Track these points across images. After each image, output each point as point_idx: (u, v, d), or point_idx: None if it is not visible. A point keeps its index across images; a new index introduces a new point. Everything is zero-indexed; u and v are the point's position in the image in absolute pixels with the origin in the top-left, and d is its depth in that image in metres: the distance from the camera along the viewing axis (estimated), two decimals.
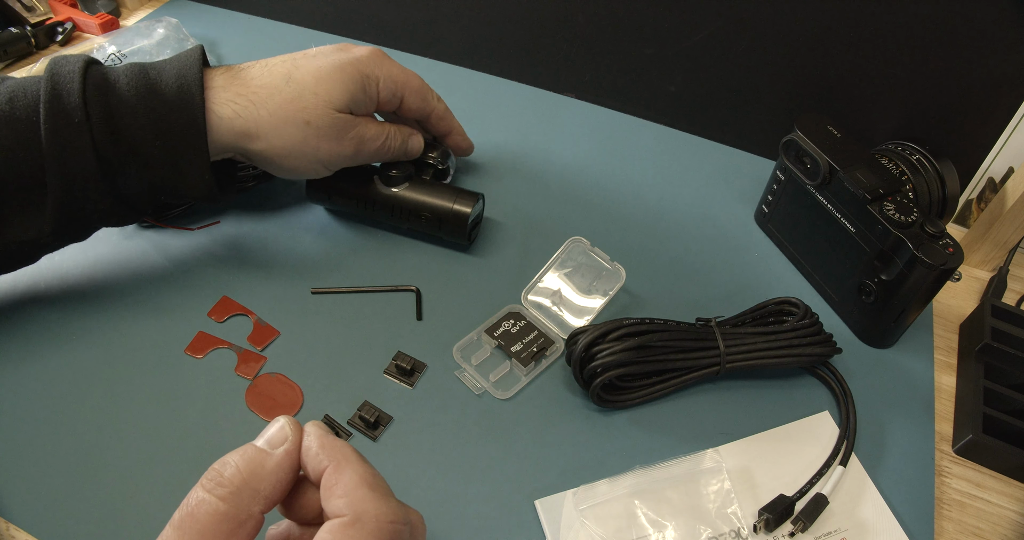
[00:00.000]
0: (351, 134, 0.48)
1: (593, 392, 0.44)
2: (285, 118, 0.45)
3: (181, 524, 0.27)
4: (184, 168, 0.44)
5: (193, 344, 0.48)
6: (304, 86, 0.45)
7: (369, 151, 0.50)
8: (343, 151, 0.48)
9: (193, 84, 0.43)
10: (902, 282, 0.46)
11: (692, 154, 0.65)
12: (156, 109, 0.42)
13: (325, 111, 0.46)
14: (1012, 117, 0.54)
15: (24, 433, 0.43)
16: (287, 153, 0.46)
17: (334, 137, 0.47)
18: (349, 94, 0.47)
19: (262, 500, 0.28)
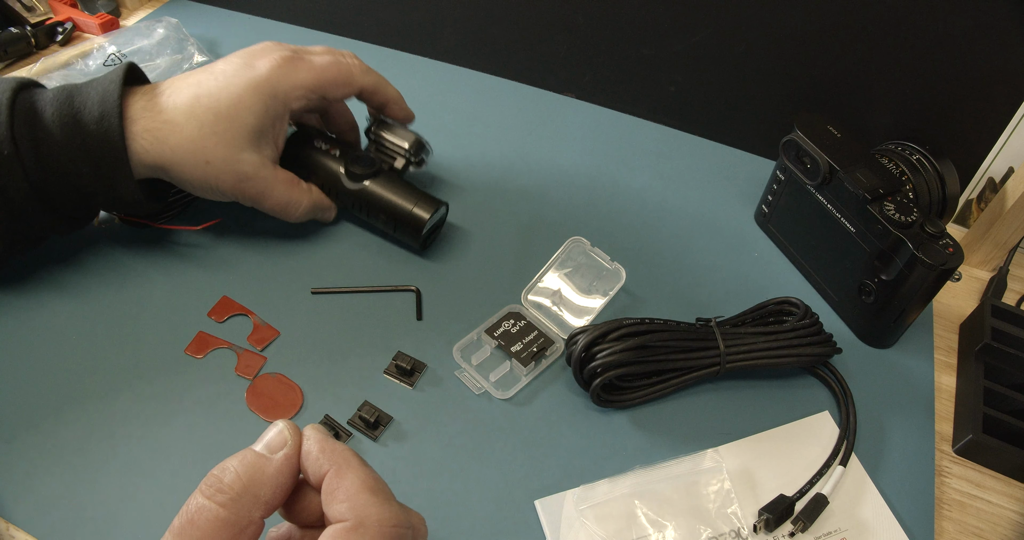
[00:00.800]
0: (254, 181, 0.47)
1: (593, 392, 0.44)
2: (185, 156, 0.45)
3: (181, 531, 0.27)
4: (115, 189, 0.45)
5: (193, 344, 0.48)
6: (203, 123, 0.44)
7: (267, 206, 0.50)
8: (244, 193, 0.48)
9: (112, 115, 0.43)
10: (902, 282, 0.46)
11: (692, 154, 0.65)
12: (79, 140, 0.43)
13: (224, 152, 0.45)
14: (1012, 117, 0.54)
15: (24, 433, 0.43)
16: (194, 186, 0.47)
17: (234, 177, 0.46)
18: (250, 128, 0.46)
19: (262, 505, 0.28)
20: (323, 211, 0.53)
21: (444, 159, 0.62)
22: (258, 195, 0.48)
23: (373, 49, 0.74)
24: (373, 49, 0.74)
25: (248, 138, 0.46)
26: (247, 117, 0.45)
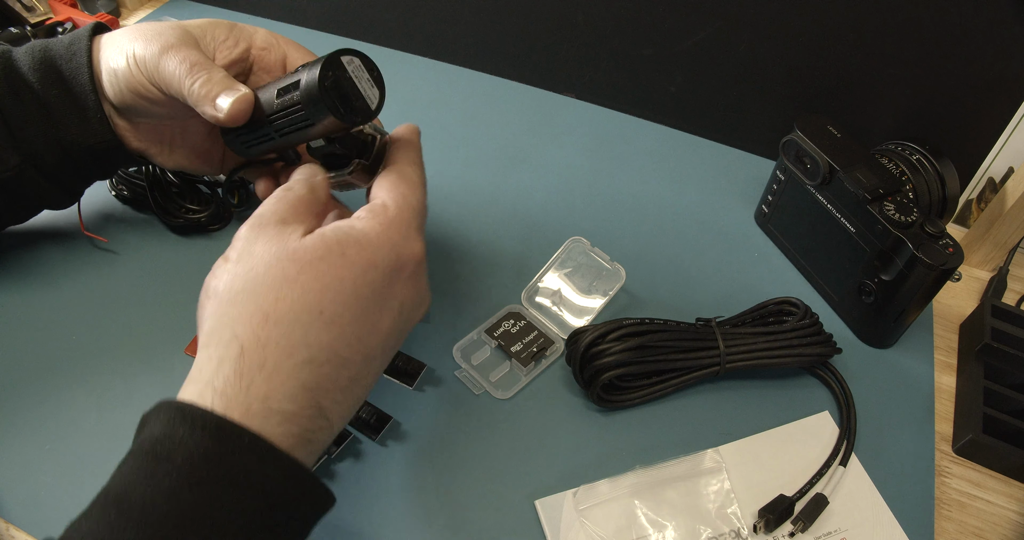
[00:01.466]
0: (170, 37, 0.42)
1: (593, 392, 0.44)
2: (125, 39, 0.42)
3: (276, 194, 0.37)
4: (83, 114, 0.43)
5: (193, 344, 0.48)
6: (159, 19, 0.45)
7: (173, 65, 0.41)
8: (153, 47, 0.41)
9: (81, 40, 0.43)
10: (902, 282, 0.46)
11: (692, 154, 0.65)
12: (48, 64, 0.43)
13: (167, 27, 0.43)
14: (1012, 117, 0.54)
15: (24, 433, 0.43)
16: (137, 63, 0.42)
17: (159, 40, 0.41)
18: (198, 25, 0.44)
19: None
20: (222, 89, 0.41)
21: (444, 159, 0.62)
22: (164, 48, 0.41)
23: (373, 49, 0.74)
24: (373, 49, 0.74)
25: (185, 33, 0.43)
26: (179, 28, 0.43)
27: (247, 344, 0.31)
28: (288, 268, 0.32)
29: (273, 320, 0.31)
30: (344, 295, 0.33)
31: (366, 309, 0.33)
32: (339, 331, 0.32)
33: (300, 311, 0.32)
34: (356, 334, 0.33)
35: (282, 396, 0.30)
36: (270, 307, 0.32)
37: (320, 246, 0.33)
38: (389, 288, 0.35)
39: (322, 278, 0.32)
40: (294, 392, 0.31)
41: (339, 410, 0.33)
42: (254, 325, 0.31)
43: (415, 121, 0.58)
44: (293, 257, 0.33)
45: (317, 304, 0.32)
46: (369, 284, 0.34)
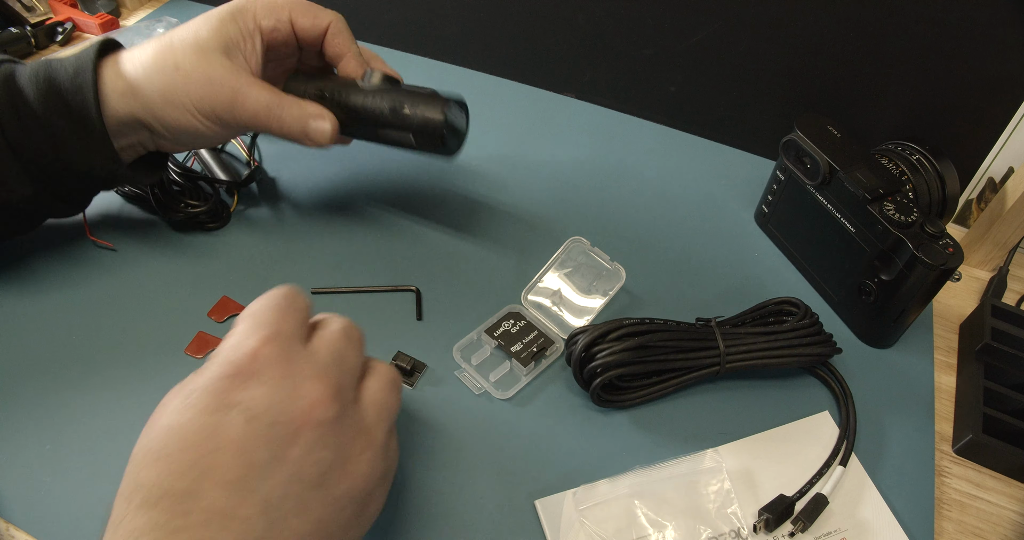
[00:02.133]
0: (226, 83, 0.44)
1: (593, 392, 0.44)
2: (155, 67, 0.43)
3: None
4: (90, 145, 0.44)
5: (193, 344, 0.48)
6: (173, 35, 0.44)
7: (246, 113, 0.45)
8: (216, 99, 0.44)
9: (86, 69, 0.43)
10: (902, 282, 0.46)
11: (692, 154, 0.65)
12: (54, 94, 0.42)
13: (193, 56, 0.43)
14: (1012, 117, 0.54)
15: (24, 433, 0.43)
16: (162, 103, 0.44)
17: (205, 82, 0.44)
18: (217, 32, 0.44)
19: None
20: (315, 119, 0.47)
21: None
22: (231, 100, 0.44)
23: (373, 49, 0.74)
24: (373, 49, 0.74)
25: (217, 44, 0.44)
26: (214, 24, 0.44)
27: (114, 502, 0.30)
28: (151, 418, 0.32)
29: (127, 468, 0.31)
30: (165, 426, 0.30)
31: (190, 433, 0.29)
32: (163, 465, 0.29)
33: (136, 454, 0.30)
34: (189, 462, 0.29)
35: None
36: (133, 450, 0.31)
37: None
38: (218, 399, 0.30)
39: (153, 416, 0.31)
40: (135, 537, 0.28)
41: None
42: (122, 479, 0.30)
43: None
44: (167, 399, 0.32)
45: (145, 444, 0.30)
46: (189, 407, 0.30)
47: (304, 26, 0.48)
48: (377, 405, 0.34)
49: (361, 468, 0.32)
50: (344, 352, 0.34)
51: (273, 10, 0.46)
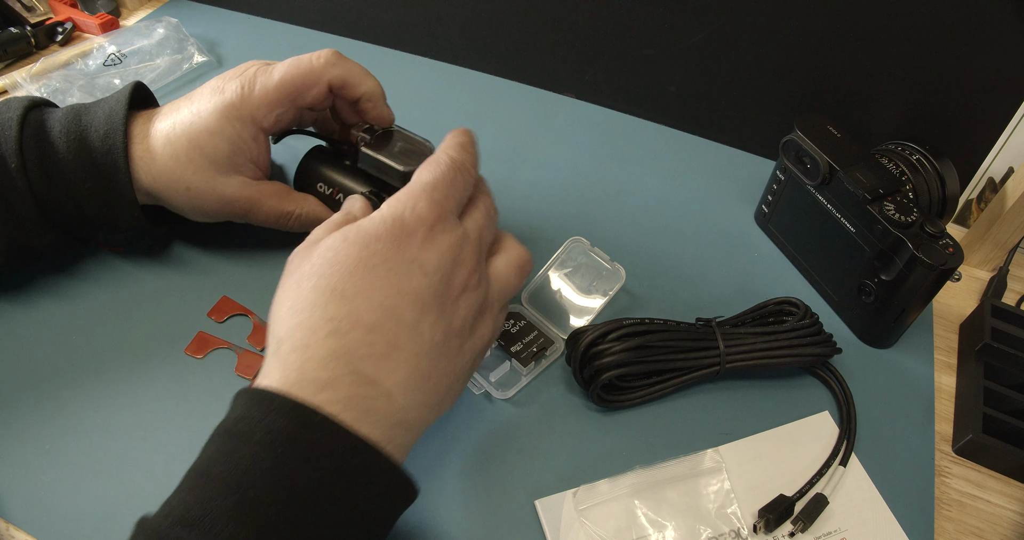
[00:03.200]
0: (240, 202, 0.47)
1: (593, 392, 0.44)
2: (167, 184, 0.45)
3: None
4: (115, 208, 0.45)
5: (193, 344, 0.48)
6: (178, 152, 0.44)
7: (259, 221, 0.49)
8: (232, 213, 0.48)
9: (117, 134, 0.44)
10: (902, 282, 0.46)
11: (692, 154, 0.65)
12: (85, 156, 0.44)
13: (202, 179, 0.45)
14: (1012, 117, 0.54)
15: (24, 433, 0.43)
16: (183, 211, 0.47)
17: (218, 202, 0.46)
18: (221, 152, 0.45)
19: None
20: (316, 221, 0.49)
21: None
22: (246, 213, 0.48)
23: (373, 49, 0.74)
24: (373, 49, 0.74)
25: (223, 163, 0.45)
26: (219, 143, 0.45)
27: (283, 336, 0.34)
28: (304, 266, 0.36)
29: (297, 309, 0.34)
30: (352, 270, 0.35)
31: (379, 276, 0.35)
32: (355, 301, 0.34)
33: (316, 295, 0.34)
34: (376, 300, 0.34)
35: (315, 366, 0.33)
36: (294, 300, 0.35)
37: (327, 240, 0.36)
38: (400, 253, 0.35)
39: (331, 262, 0.35)
40: (325, 360, 0.33)
41: (393, 377, 0.34)
42: (286, 320, 0.35)
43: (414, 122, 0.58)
44: (308, 257, 0.36)
45: (329, 284, 0.34)
46: (375, 254, 0.35)
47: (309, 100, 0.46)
48: (501, 281, 0.40)
49: (485, 330, 0.39)
50: (486, 231, 0.40)
51: (269, 108, 0.45)
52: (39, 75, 0.65)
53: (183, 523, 0.29)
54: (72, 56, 0.68)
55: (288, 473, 0.30)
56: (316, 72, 0.45)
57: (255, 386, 0.33)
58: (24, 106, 0.44)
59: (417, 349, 0.35)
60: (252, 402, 0.32)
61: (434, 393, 0.36)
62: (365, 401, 0.33)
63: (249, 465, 0.30)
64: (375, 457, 0.32)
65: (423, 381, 0.35)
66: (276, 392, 0.32)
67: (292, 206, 0.49)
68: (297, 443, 0.30)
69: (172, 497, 0.31)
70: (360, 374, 0.33)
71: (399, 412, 0.34)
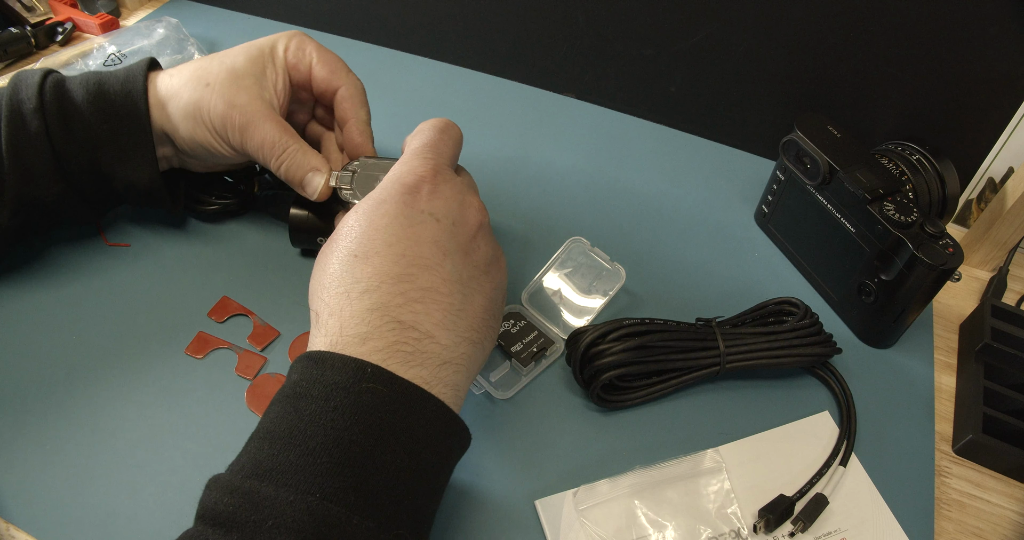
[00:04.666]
0: (245, 108, 0.46)
1: (593, 392, 0.44)
2: (188, 81, 0.46)
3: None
4: (131, 154, 0.46)
5: (193, 344, 0.48)
6: (211, 59, 0.47)
7: (253, 142, 0.46)
8: (230, 121, 0.45)
9: (137, 77, 0.46)
10: (902, 282, 0.46)
11: (692, 154, 0.65)
12: (103, 101, 0.45)
13: (225, 75, 0.46)
14: (1012, 117, 0.54)
15: (24, 433, 0.43)
16: (184, 116, 0.46)
17: (227, 102, 0.45)
18: (254, 62, 0.47)
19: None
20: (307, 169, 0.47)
21: None
22: (245, 125, 0.46)
23: (373, 49, 0.74)
24: (373, 49, 0.74)
25: (249, 72, 0.47)
26: (253, 53, 0.47)
27: (320, 309, 0.36)
28: (328, 248, 0.38)
29: (326, 284, 0.37)
30: (369, 233, 0.37)
31: (395, 232, 0.37)
32: (378, 260, 0.36)
33: (340, 264, 0.37)
34: (398, 253, 0.36)
35: (354, 323, 0.35)
36: (323, 277, 0.37)
37: (343, 221, 0.38)
38: (409, 208, 0.38)
39: (347, 234, 0.37)
40: (362, 316, 0.35)
41: (431, 319, 0.36)
42: (319, 295, 0.37)
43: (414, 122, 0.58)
44: (332, 240, 0.38)
45: (349, 251, 0.37)
46: (386, 214, 0.37)
47: (318, 76, 0.49)
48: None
49: (503, 264, 0.42)
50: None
51: (300, 49, 0.49)
52: None
53: (255, 475, 0.30)
54: (72, 56, 0.68)
55: (346, 423, 0.31)
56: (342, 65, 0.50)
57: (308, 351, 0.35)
58: (42, 74, 0.46)
59: (448, 289, 0.37)
60: (307, 365, 0.34)
61: (473, 327, 0.38)
62: (408, 345, 0.34)
63: (310, 419, 0.32)
64: (425, 398, 0.34)
65: (460, 317, 0.37)
66: (326, 352, 0.34)
67: (290, 138, 0.47)
68: (351, 393, 0.32)
69: (241, 456, 0.32)
70: (398, 321, 0.35)
71: (443, 351, 0.36)
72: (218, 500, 0.30)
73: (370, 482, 0.31)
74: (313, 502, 0.29)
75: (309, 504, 0.29)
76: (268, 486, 0.30)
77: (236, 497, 0.29)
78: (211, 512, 0.30)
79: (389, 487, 0.31)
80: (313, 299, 0.38)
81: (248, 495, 0.29)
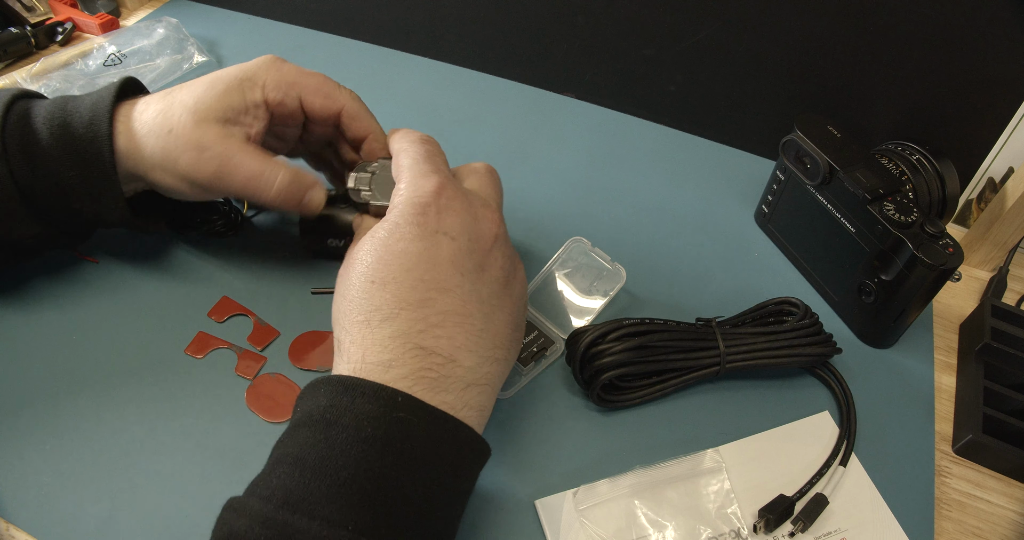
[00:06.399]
0: (215, 150, 0.43)
1: (593, 392, 0.44)
2: (152, 128, 0.43)
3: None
4: (100, 196, 0.44)
5: (193, 344, 0.48)
6: (173, 97, 0.44)
7: (235, 182, 0.44)
8: (202, 168, 0.43)
9: (102, 120, 0.42)
10: (902, 282, 0.46)
11: (692, 154, 0.65)
12: (67, 143, 0.42)
13: (188, 118, 0.42)
14: (1012, 117, 0.54)
15: (24, 433, 0.43)
16: (152, 165, 0.44)
17: (194, 148, 0.42)
18: (219, 100, 0.43)
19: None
20: (305, 188, 0.45)
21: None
22: (220, 168, 0.43)
23: (373, 49, 0.74)
24: (373, 49, 0.74)
25: (215, 112, 0.43)
26: (219, 93, 0.43)
27: (342, 337, 0.36)
28: (346, 274, 0.38)
29: (346, 311, 0.37)
30: (385, 259, 0.37)
31: (411, 256, 0.36)
32: (395, 286, 0.36)
33: (359, 291, 0.36)
34: (416, 278, 0.36)
35: (376, 351, 0.35)
36: (343, 306, 0.37)
37: (359, 246, 0.38)
38: (422, 228, 0.37)
39: (364, 259, 0.37)
40: (384, 343, 0.35)
41: (453, 342, 0.36)
42: (341, 323, 0.37)
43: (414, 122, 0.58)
44: (349, 266, 0.38)
45: (367, 278, 0.36)
46: (399, 239, 0.37)
47: (314, 107, 0.46)
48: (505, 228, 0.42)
49: (522, 273, 0.42)
50: (487, 182, 0.44)
51: (282, 85, 0.45)
52: (39, 75, 0.65)
53: (287, 505, 0.30)
54: (72, 56, 0.68)
55: (377, 453, 0.31)
56: (338, 90, 0.47)
57: (335, 374, 0.35)
58: (12, 95, 0.43)
59: (468, 311, 0.36)
60: (337, 390, 0.33)
61: (496, 346, 0.38)
62: (432, 371, 0.34)
63: (341, 449, 0.31)
64: (454, 427, 0.34)
65: (482, 337, 0.37)
66: (357, 379, 0.34)
67: (274, 167, 0.44)
68: (381, 423, 0.32)
69: (269, 479, 0.32)
70: (420, 348, 0.35)
71: (467, 374, 0.36)
72: (249, 529, 0.30)
73: (401, 514, 0.31)
74: (345, 536, 0.29)
75: (341, 538, 0.29)
76: (301, 518, 0.30)
77: (269, 529, 0.29)
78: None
79: (420, 517, 0.32)
80: (336, 326, 0.38)
81: (282, 527, 0.29)
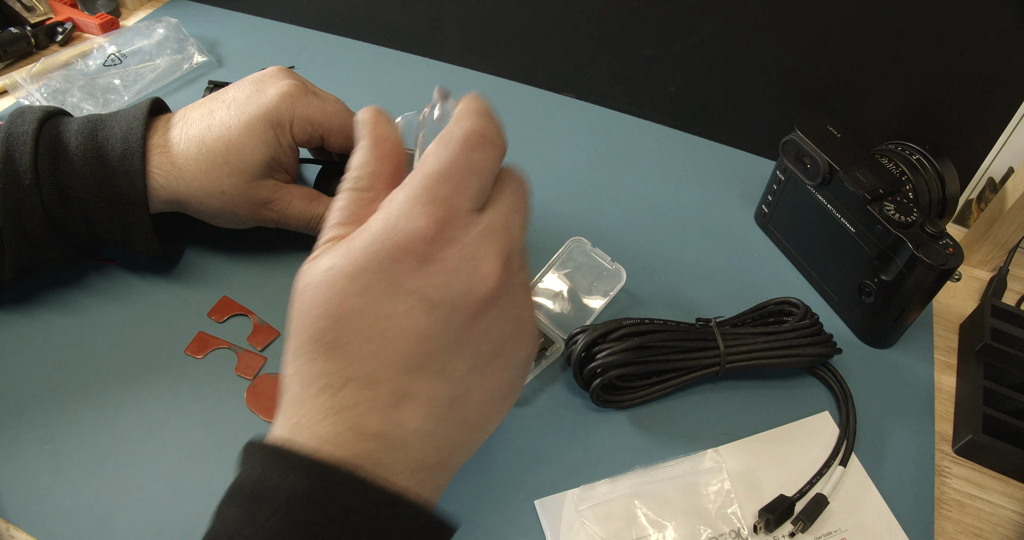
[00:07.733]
0: (271, 206, 0.48)
1: (593, 392, 0.44)
2: (201, 188, 0.45)
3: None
4: (129, 228, 0.45)
5: (193, 344, 0.48)
6: (215, 155, 0.44)
7: (290, 224, 0.49)
8: (263, 217, 0.48)
9: (135, 152, 0.43)
10: (902, 282, 0.46)
11: (692, 154, 0.65)
12: (101, 175, 0.43)
13: (237, 182, 0.45)
14: (1012, 117, 0.54)
15: (24, 433, 0.43)
16: (213, 217, 0.48)
17: (250, 205, 0.47)
18: (261, 154, 0.45)
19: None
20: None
21: None
22: (278, 217, 0.48)
23: (373, 49, 0.74)
24: (373, 49, 0.74)
25: (260, 166, 0.46)
26: (258, 146, 0.45)
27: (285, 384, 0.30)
28: (299, 297, 0.30)
29: (292, 354, 0.30)
30: (333, 314, 0.29)
31: (370, 319, 0.29)
32: (346, 353, 0.29)
33: (304, 344, 0.30)
34: (370, 350, 0.29)
35: (313, 421, 0.29)
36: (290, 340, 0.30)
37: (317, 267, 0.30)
38: (393, 285, 0.29)
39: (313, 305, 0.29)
40: (322, 416, 0.28)
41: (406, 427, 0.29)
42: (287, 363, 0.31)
43: None
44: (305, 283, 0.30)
45: (315, 332, 0.29)
46: (364, 292, 0.29)
47: (335, 147, 0.48)
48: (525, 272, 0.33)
49: (530, 328, 0.33)
50: (514, 218, 0.32)
51: (308, 126, 0.47)
52: (39, 75, 0.65)
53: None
54: (72, 56, 0.68)
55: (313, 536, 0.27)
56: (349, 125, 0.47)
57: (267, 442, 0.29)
58: (39, 119, 0.44)
59: (432, 393, 0.29)
60: (269, 459, 0.28)
61: (462, 430, 0.31)
62: (375, 454, 0.28)
63: (272, 533, 0.27)
64: (400, 507, 0.28)
65: (444, 422, 0.30)
66: (290, 450, 0.28)
67: (322, 208, 0.49)
68: (317, 504, 0.27)
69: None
70: (362, 430, 0.28)
71: (419, 459, 0.29)
72: None
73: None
74: None
75: None
76: None
77: None
78: None
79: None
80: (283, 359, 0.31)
81: None
